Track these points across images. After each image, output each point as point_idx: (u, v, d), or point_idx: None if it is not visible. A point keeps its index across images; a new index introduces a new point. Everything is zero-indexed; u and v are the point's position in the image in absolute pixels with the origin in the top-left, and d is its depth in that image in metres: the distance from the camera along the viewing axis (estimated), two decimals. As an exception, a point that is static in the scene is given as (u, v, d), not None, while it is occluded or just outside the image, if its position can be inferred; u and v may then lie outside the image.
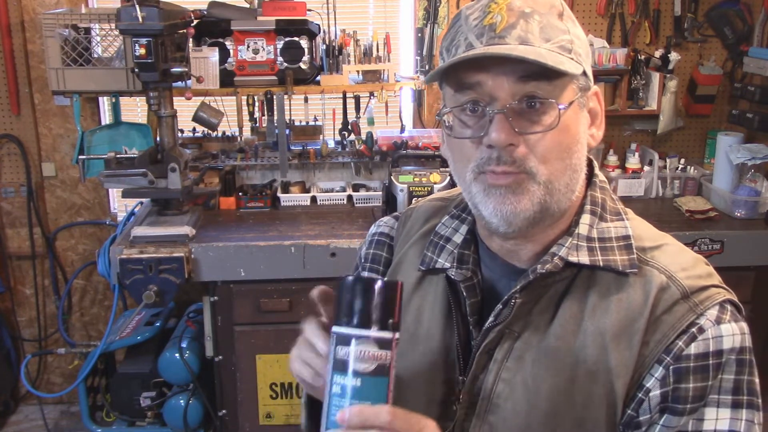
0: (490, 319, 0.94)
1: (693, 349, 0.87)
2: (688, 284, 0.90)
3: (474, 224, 1.02)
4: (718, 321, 0.88)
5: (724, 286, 0.93)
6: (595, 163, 1.00)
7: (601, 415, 0.89)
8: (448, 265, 1.00)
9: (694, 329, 0.88)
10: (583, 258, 0.92)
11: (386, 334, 0.77)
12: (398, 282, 0.80)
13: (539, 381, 0.91)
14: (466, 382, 0.95)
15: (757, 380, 0.90)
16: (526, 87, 0.86)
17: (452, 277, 0.98)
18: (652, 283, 0.90)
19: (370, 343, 0.76)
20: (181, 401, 2.76)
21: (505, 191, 0.87)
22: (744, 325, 0.90)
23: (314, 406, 0.97)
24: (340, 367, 0.77)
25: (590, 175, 0.98)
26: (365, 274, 1.13)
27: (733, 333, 0.88)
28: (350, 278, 0.79)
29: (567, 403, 0.90)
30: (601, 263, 0.91)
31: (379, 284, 0.78)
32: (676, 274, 0.91)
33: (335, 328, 0.78)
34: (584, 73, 0.90)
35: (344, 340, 0.77)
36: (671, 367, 0.88)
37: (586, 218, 0.95)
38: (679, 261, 0.93)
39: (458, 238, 1.02)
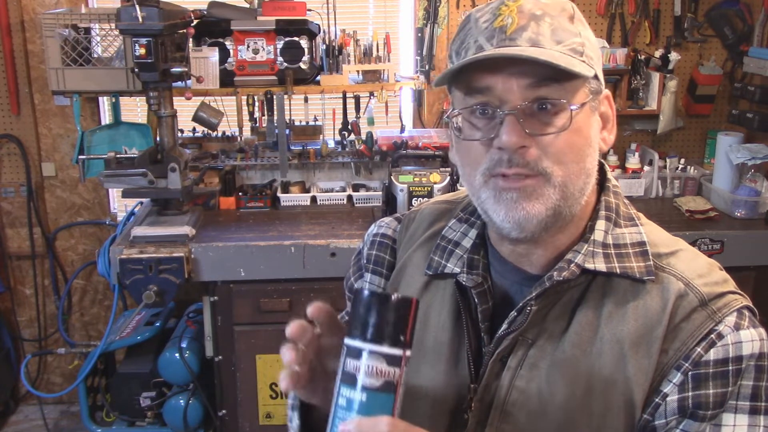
0: (504, 326, 0.92)
1: (712, 354, 0.87)
2: (706, 291, 0.89)
3: (483, 228, 1.00)
4: (737, 327, 0.88)
5: (740, 291, 0.93)
6: (607, 167, 0.98)
7: (619, 424, 0.88)
8: (457, 270, 0.98)
9: (713, 335, 0.87)
10: (600, 265, 0.90)
11: (397, 351, 0.76)
12: (413, 299, 0.78)
13: (554, 389, 0.90)
14: (478, 390, 0.93)
15: None
16: (537, 92, 0.85)
17: (463, 282, 0.96)
18: (670, 291, 0.89)
19: (380, 358, 0.75)
20: (181, 401, 2.76)
21: (517, 196, 0.86)
22: (762, 331, 0.90)
23: (306, 411, 0.93)
24: (349, 379, 0.76)
25: (602, 179, 0.97)
26: (368, 276, 1.11)
27: (752, 339, 0.88)
28: (366, 292, 0.78)
29: (583, 411, 0.89)
30: (618, 270, 0.90)
31: (394, 300, 0.77)
32: (694, 281, 0.90)
33: (347, 340, 0.77)
34: (596, 77, 0.89)
35: (355, 353, 0.76)
36: (690, 373, 0.87)
37: (601, 224, 0.93)
38: (695, 267, 0.92)
39: (467, 243, 1.00)
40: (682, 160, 3.09)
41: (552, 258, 0.93)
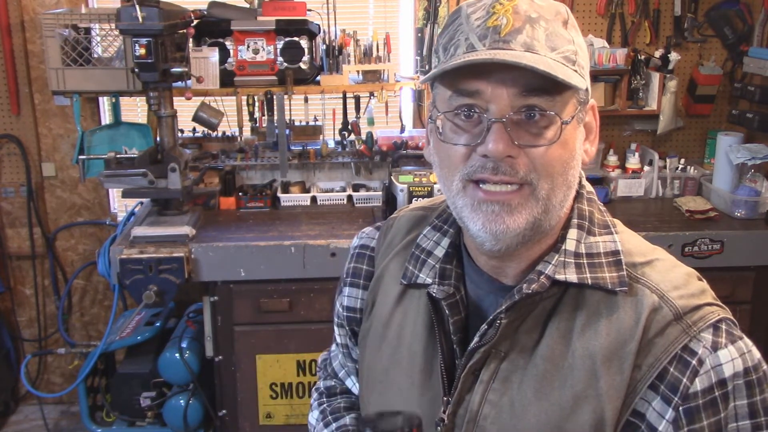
0: (475, 339, 0.90)
1: (698, 384, 0.84)
2: (680, 304, 0.86)
3: (456, 237, 0.98)
4: (715, 347, 0.84)
5: (718, 302, 0.90)
6: (582, 173, 0.95)
7: None
8: (429, 280, 0.96)
9: (694, 361, 0.84)
10: (571, 276, 0.88)
11: None
12: (418, 419, 0.80)
13: (526, 403, 0.88)
14: (451, 403, 0.91)
15: None
16: (527, 100, 0.82)
17: (434, 294, 0.94)
18: (644, 304, 0.86)
19: None
20: (181, 401, 2.76)
21: (499, 209, 0.84)
22: (742, 344, 0.86)
23: None
24: None
25: (577, 186, 0.94)
26: (346, 290, 1.10)
27: (732, 358, 0.84)
28: (371, 420, 0.80)
29: (554, 426, 0.87)
30: (590, 281, 0.87)
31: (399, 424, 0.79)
32: (669, 293, 0.87)
33: None
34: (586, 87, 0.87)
35: None
36: (681, 408, 0.84)
37: (573, 233, 0.91)
38: (670, 278, 0.89)
39: (440, 252, 0.98)
40: (682, 160, 3.09)
41: (526, 268, 0.91)
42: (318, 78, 2.96)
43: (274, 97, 2.89)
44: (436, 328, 0.95)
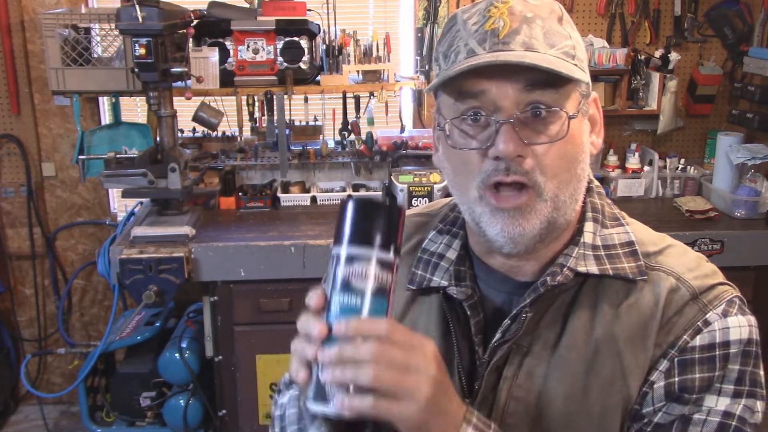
0: (497, 335, 0.91)
1: (698, 340, 0.87)
2: (696, 284, 0.90)
3: (466, 239, 0.99)
4: (725, 314, 0.88)
5: (729, 283, 0.93)
6: (589, 169, 0.97)
7: (616, 420, 0.89)
8: (445, 283, 0.96)
9: (699, 323, 0.87)
10: (592, 267, 0.90)
11: (388, 256, 0.76)
12: (402, 206, 0.78)
13: (552, 396, 0.89)
14: (474, 404, 0.91)
15: (761, 373, 0.90)
16: (531, 95, 0.83)
17: (454, 295, 0.94)
18: (661, 286, 0.89)
19: (372, 263, 0.75)
20: (181, 401, 2.76)
21: (513, 213, 0.85)
22: (752, 318, 0.90)
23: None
24: (340, 285, 0.76)
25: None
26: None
27: (740, 325, 0.88)
28: (352, 199, 0.77)
29: (583, 413, 0.88)
30: (611, 272, 0.90)
31: (383, 205, 0.77)
32: (684, 275, 0.91)
33: (336, 249, 0.77)
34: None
35: (348, 259, 0.76)
36: (676, 359, 0.87)
37: (589, 226, 0.93)
38: (684, 262, 0.92)
39: (452, 255, 0.99)
40: (682, 160, 3.09)
41: (545, 264, 0.92)
42: (318, 78, 2.96)
43: (274, 97, 2.88)
44: (453, 331, 0.95)
